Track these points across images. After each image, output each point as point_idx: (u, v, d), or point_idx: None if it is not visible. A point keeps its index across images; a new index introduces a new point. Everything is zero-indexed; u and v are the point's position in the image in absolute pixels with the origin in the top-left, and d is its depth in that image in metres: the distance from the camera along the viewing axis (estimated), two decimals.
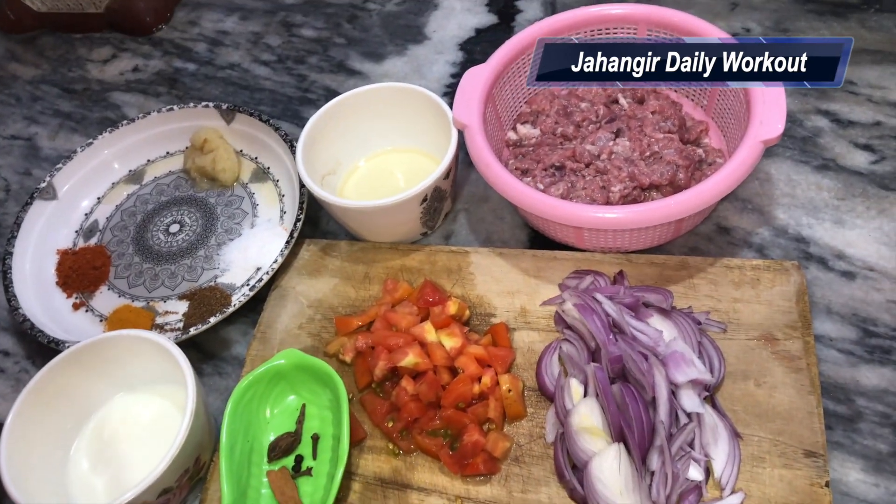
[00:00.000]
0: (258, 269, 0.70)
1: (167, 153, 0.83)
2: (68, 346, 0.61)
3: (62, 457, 0.57)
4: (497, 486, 0.54)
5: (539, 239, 0.68)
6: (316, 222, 0.74)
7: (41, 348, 0.69)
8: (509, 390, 0.56)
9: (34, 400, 0.55)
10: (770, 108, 0.58)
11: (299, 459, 0.57)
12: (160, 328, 0.67)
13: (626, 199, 0.63)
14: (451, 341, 0.58)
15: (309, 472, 0.57)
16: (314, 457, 0.57)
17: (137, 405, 0.60)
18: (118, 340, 0.58)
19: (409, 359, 0.57)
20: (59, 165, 0.78)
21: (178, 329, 0.67)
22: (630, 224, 0.57)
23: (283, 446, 0.57)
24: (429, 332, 0.59)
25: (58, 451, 0.57)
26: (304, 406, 0.60)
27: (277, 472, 0.56)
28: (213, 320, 0.63)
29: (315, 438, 0.58)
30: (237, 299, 0.64)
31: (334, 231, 0.73)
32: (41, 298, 0.69)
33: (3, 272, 0.69)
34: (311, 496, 0.55)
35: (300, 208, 0.69)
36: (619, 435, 0.52)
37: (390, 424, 0.57)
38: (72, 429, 0.58)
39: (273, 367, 0.58)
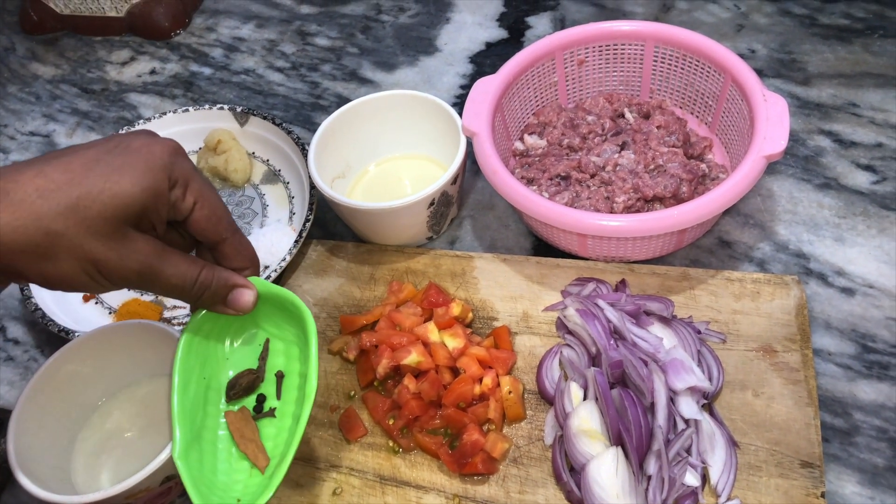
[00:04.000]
0: (266, 267, 0.71)
1: None
2: (77, 336, 0.62)
3: (68, 444, 0.58)
4: (495, 487, 0.54)
5: (543, 247, 0.69)
6: (324, 224, 0.75)
7: (51, 338, 0.70)
8: (510, 392, 0.57)
9: (42, 387, 0.56)
10: (773, 124, 0.59)
11: (261, 399, 0.53)
12: (168, 322, 0.68)
13: (630, 211, 0.64)
14: (453, 342, 0.59)
15: (272, 412, 0.53)
16: (278, 397, 0.53)
17: (143, 395, 0.61)
18: (126, 329, 0.59)
19: (412, 357, 0.57)
20: None
21: (186, 323, 0.68)
22: (633, 232, 0.58)
23: (243, 384, 0.53)
24: (432, 332, 0.60)
25: (64, 439, 0.58)
26: (267, 341, 0.54)
27: (237, 412, 0.52)
28: None
29: (279, 376, 0.54)
30: None
31: (341, 233, 0.75)
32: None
33: None
34: (275, 438, 0.51)
35: (309, 209, 0.70)
36: (617, 439, 0.52)
37: (391, 422, 0.58)
38: (78, 417, 0.59)
39: None
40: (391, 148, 0.77)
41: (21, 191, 0.40)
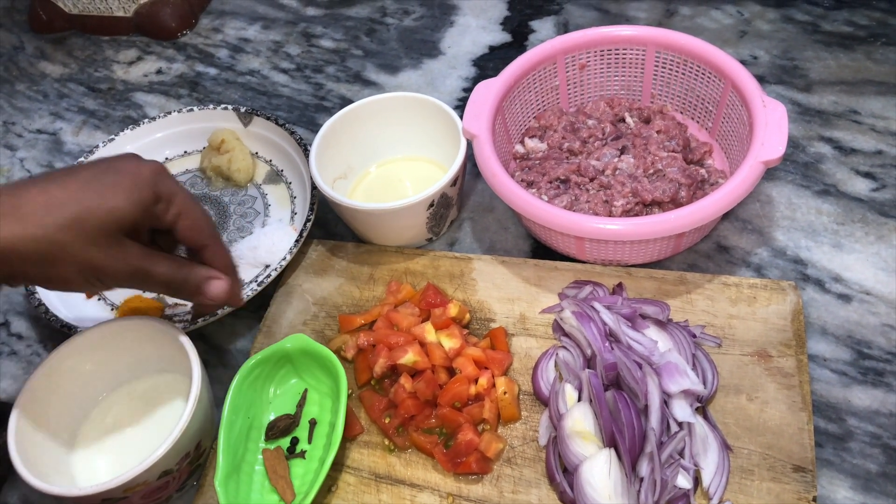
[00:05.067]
0: (267, 266, 0.72)
1: (185, 152, 0.85)
2: (80, 331, 0.63)
3: (69, 438, 0.59)
4: (489, 486, 0.55)
5: (541, 250, 0.69)
6: (325, 225, 0.76)
7: (54, 333, 0.71)
8: (505, 393, 0.57)
9: (44, 382, 0.57)
10: (772, 130, 0.60)
11: (295, 441, 0.59)
12: (169, 319, 0.69)
13: (629, 215, 0.64)
14: (450, 342, 0.59)
15: (303, 454, 0.58)
16: (309, 441, 0.59)
17: (143, 392, 0.61)
18: (128, 326, 0.59)
19: (409, 357, 0.58)
20: (81, 159, 0.81)
21: (186, 321, 0.68)
22: (631, 236, 0.58)
23: (281, 427, 0.59)
24: (429, 332, 0.60)
25: (65, 433, 0.59)
26: (305, 391, 0.61)
27: (273, 450, 0.58)
28: (220, 312, 0.65)
29: (312, 423, 0.59)
30: (245, 294, 0.66)
31: (342, 234, 0.75)
32: None
33: None
34: (302, 478, 0.57)
35: (310, 209, 0.71)
36: (610, 440, 0.52)
37: (387, 420, 0.58)
38: (79, 411, 0.60)
39: (280, 349, 0.60)
40: (392, 149, 0.78)
41: (28, 206, 0.46)
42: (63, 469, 0.57)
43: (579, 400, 0.56)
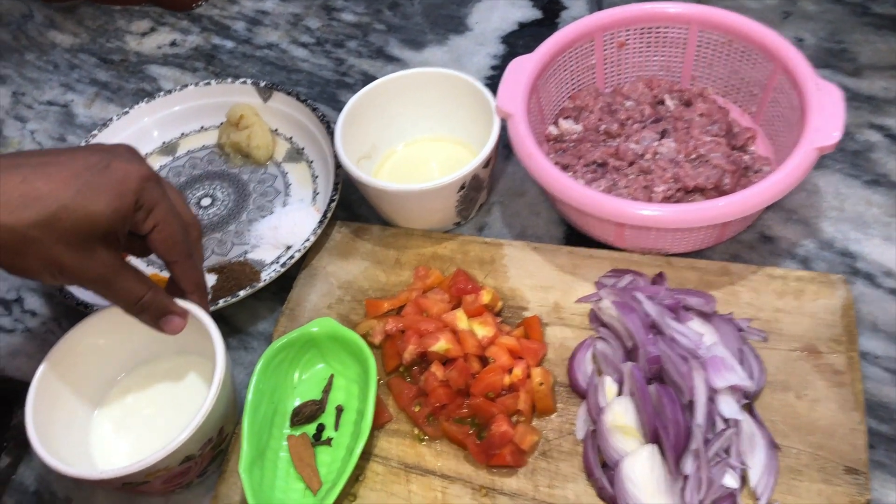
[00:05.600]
0: (288, 247, 0.69)
1: (202, 127, 0.82)
2: (96, 310, 0.61)
3: (86, 419, 0.57)
4: (523, 480, 0.53)
5: (575, 236, 0.67)
6: (348, 205, 0.73)
7: (69, 311, 0.69)
8: (541, 384, 0.55)
9: (61, 360, 0.55)
10: (827, 115, 0.57)
11: (321, 428, 0.57)
12: None
13: (669, 201, 0.62)
14: (483, 330, 0.57)
15: (329, 442, 0.56)
16: (336, 428, 0.57)
17: (162, 373, 0.59)
18: None
19: (441, 344, 0.56)
20: (95, 132, 0.78)
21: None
22: (676, 223, 0.56)
23: (306, 413, 0.57)
24: (461, 319, 0.58)
25: (82, 413, 0.57)
26: (332, 376, 0.59)
27: (298, 437, 0.56)
28: (242, 293, 0.62)
29: (339, 410, 0.57)
30: (267, 275, 0.64)
31: (366, 215, 0.72)
32: None
33: None
34: (328, 466, 0.55)
35: (334, 189, 0.68)
36: (653, 436, 0.50)
37: (417, 409, 0.56)
38: (96, 392, 0.58)
39: (306, 333, 0.57)
40: (419, 129, 0.75)
41: (6, 195, 0.44)
42: (81, 450, 0.55)
43: (619, 393, 0.53)
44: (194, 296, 0.55)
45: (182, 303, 0.55)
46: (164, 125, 0.81)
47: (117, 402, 0.58)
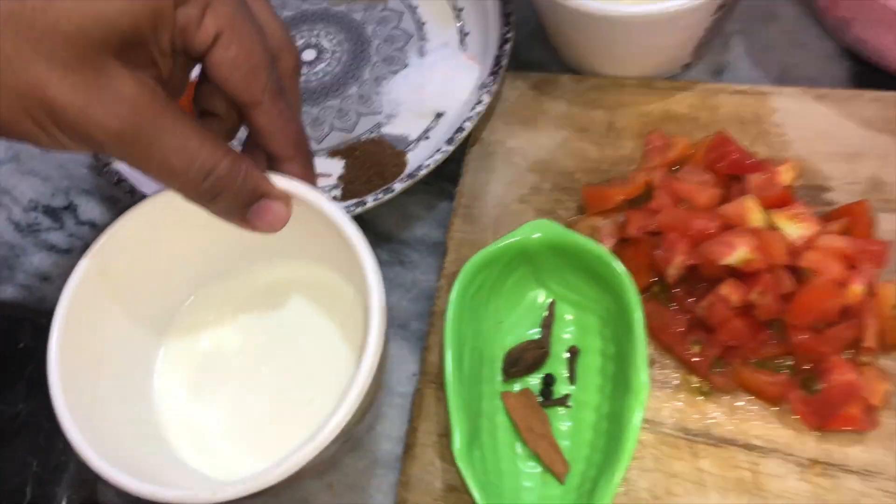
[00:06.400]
0: (438, 114, 0.49)
1: None
2: (156, 194, 0.40)
3: (143, 373, 0.37)
4: (877, 449, 0.35)
5: (866, 74, 0.46)
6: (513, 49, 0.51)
7: None
8: (894, 306, 0.36)
9: (97, 275, 0.34)
10: None
11: (549, 381, 0.39)
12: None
13: None
14: (796, 228, 0.37)
15: (565, 401, 0.38)
16: (571, 380, 0.39)
17: (258, 288, 0.40)
18: None
19: (740, 254, 0.36)
20: None
21: (335, 198, 0.47)
22: None
23: (527, 360, 0.39)
24: (753, 212, 0.38)
25: (137, 364, 0.37)
26: (552, 304, 0.40)
27: (518, 395, 0.38)
28: (398, 187, 0.43)
29: (572, 353, 0.39)
30: (425, 159, 0.43)
31: (540, 61, 0.51)
32: None
33: None
34: (572, 437, 0.37)
35: (505, 21, 0.47)
36: None
37: (695, 350, 0.38)
38: (157, 323, 0.38)
39: (518, 244, 0.38)
40: None
41: None
42: (146, 431, 0.36)
43: None
44: (294, 164, 0.33)
45: (280, 179, 0.33)
46: None
47: (186, 339, 0.38)
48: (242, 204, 0.31)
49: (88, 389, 0.33)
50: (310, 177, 0.34)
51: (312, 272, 0.39)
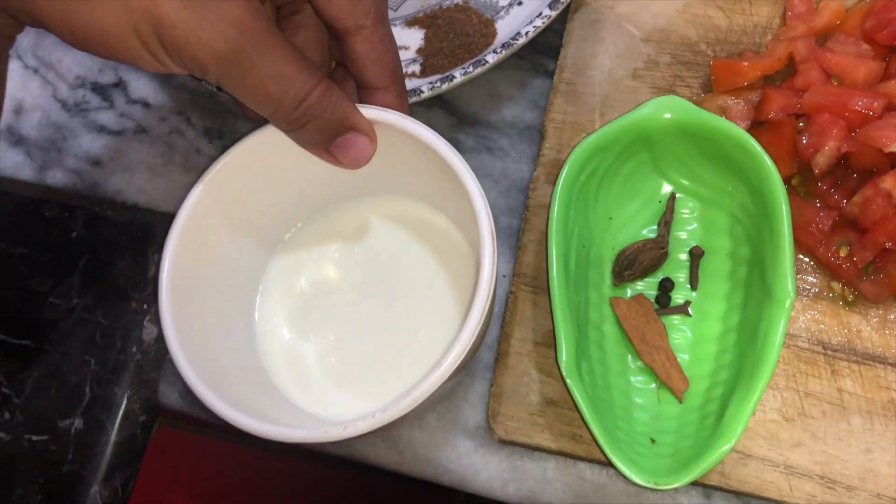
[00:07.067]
0: None
1: None
2: (264, 130, 0.37)
3: (247, 309, 0.34)
4: None
5: None
6: None
7: (198, 99, 0.45)
8: None
9: (213, 196, 0.31)
10: None
11: (667, 286, 0.34)
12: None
13: None
14: None
15: (685, 308, 0.34)
16: (693, 286, 0.34)
17: (365, 219, 0.36)
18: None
19: None
20: None
21: (413, 74, 0.41)
22: None
23: (643, 262, 0.34)
24: None
25: (241, 299, 0.34)
26: (672, 196, 0.35)
27: (630, 302, 0.34)
28: (491, 59, 0.37)
29: (696, 255, 0.34)
30: (521, 26, 0.37)
31: None
32: None
33: None
34: (692, 350, 0.33)
35: None
36: None
37: (842, 253, 0.33)
38: (259, 258, 0.35)
39: (641, 124, 0.32)
40: None
41: None
42: (250, 362, 0.34)
43: None
44: (388, 93, 0.31)
45: (373, 110, 0.30)
46: None
47: (289, 275, 0.35)
48: (328, 135, 0.29)
49: (196, 322, 0.31)
50: (404, 107, 0.31)
51: (408, 206, 0.36)
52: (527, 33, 0.37)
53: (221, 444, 0.49)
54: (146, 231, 0.42)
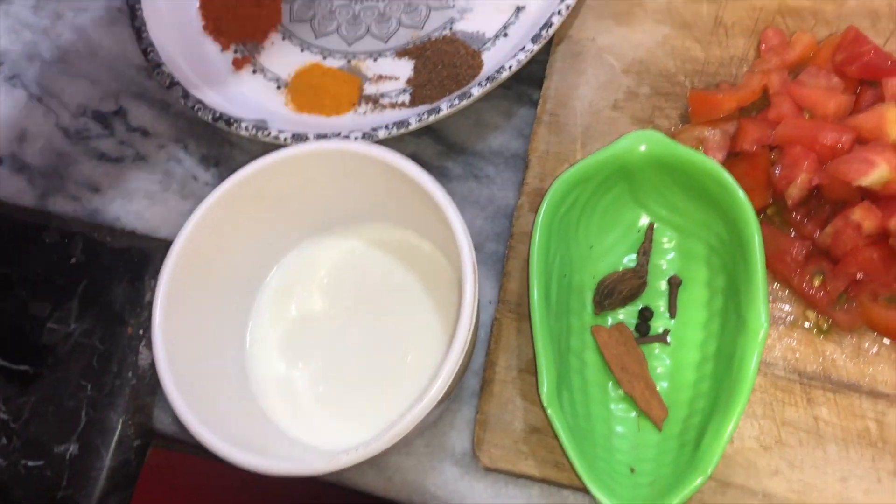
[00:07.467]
0: (518, 8, 0.43)
1: None
2: (243, 125, 0.39)
3: (237, 338, 0.36)
4: None
5: None
6: None
7: (197, 127, 0.46)
8: None
9: (207, 226, 0.33)
10: None
11: (646, 315, 0.35)
12: (373, 101, 0.43)
13: None
14: None
15: (664, 337, 0.35)
16: (672, 313, 0.35)
17: (345, 252, 0.37)
18: (322, 157, 0.33)
19: (880, 173, 0.31)
20: None
21: (403, 104, 0.42)
22: None
23: (623, 290, 0.35)
24: (894, 123, 0.33)
25: (231, 329, 0.35)
26: (651, 227, 0.36)
27: (611, 330, 0.35)
28: (476, 91, 0.38)
29: (673, 284, 0.35)
30: (505, 59, 0.38)
31: None
32: (186, 51, 0.44)
33: (132, 11, 0.44)
34: (671, 378, 0.34)
35: None
36: None
37: (815, 282, 0.33)
38: (249, 288, 0.36)
39: (619, 157, 0.33)
40: None
41: None
42: (242, 394, 0.35)
43: None
44: None
45: (366, 146, 0.32)
46: None
47: (271, 305, 0.37)
48: None
49: (189, 350, 0.32)
50: None
51: (396, 233, 0.37)
52: (510, 67, 0.38)
53: (216, 465, 0.50)
54: (143, 257, 0.43)
